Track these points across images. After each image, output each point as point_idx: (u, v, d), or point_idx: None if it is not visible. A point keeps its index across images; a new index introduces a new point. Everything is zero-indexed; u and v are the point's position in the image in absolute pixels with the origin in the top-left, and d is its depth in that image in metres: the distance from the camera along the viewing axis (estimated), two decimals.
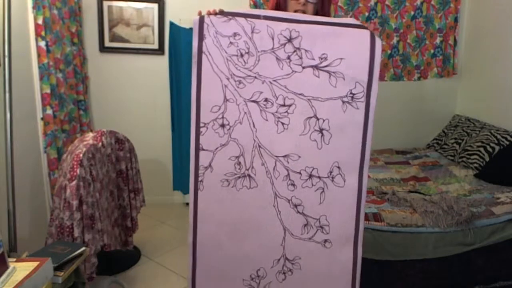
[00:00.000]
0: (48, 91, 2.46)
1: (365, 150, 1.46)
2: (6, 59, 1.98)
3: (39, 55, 2.43)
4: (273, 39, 1.42)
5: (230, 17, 1.43)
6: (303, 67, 1.43)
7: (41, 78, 2.44)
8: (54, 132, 2.51)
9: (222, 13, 1.44)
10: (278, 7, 1.67)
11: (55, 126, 2.54)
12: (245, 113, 1.46)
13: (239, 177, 1.49)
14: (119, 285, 2.35)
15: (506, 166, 2.63)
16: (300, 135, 1.45)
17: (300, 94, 1.44)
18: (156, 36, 3.25)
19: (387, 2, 3.35)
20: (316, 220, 1.48)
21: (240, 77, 1.44)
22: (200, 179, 1.51)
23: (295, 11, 1.62)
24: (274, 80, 1.44)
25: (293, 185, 1.47)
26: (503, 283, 2.24)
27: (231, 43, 1.43)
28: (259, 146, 1.47)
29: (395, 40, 3.44)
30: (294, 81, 1.44)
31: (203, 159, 1.49)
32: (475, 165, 2.82)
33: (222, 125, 1.47)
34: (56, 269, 1.62)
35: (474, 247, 2.16)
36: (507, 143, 2.78)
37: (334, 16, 3.32)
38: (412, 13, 3.41)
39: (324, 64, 1.42)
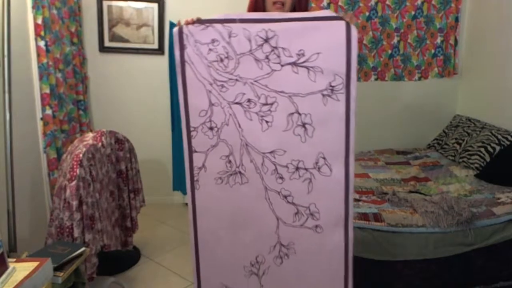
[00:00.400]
0: (48, 91, 2.46)
1: (349, 139, 1.51)
2: (6, 59, 1.98)
3: (38, 55, 2.43)
4: (250, 41, 1.47)
5: (207, 24, 1.49)
6: (282, 65, 1.47)
7: (40, 78, 2.44)
8: (53, 132, 2.51)
9: (199, 21, 1.50)
10: (257, 1, 1.72)
11: (55, 126, 2.54)
12: (230, 115, 1.53)
13: (231, 174, 1.58)
14: (119, 285, 2.35)
15: (507, 167, 2.63)
16: (284, 131, 1.51)
17: (281, 92, 1.49)
18: (156, 36, 3.25)
19: (387, 2, 3.35)
20: (306, 208, 1.57)
21: (222, 81, 1.51)
22: (196, 178, 1.60)
23: (274, 2, 1.67)
24: (255, 81, 1.50)
25: (282, 178, 1.55)
26: (504, 283, 2.23)
27: (210, 49, 1.49)
28: (246, 145, 1.55)
29: (395, 40, 3.43)
30: (274, 79, 1.49)
31: (197, 160, 1.59)
32: (476, 165, 2.82)
33: (211, 128, 1.55)
34: (56, 269, 1.62)
35: (474, 247, 2.15)
36: (508, 143, 2.77)
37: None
38: (413, 13, 3.40)
39: (302, 60, 1.46)
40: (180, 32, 1.49)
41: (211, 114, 1.54)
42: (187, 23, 1.49)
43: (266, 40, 1.46)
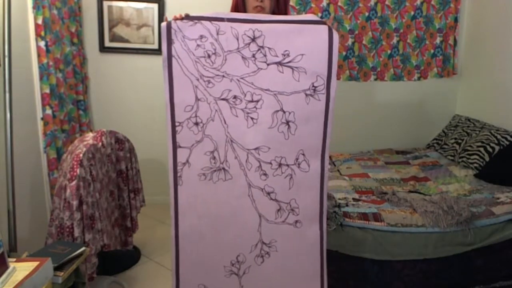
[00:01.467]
0: (48, 91, 2.46)
1: (326, 137, 1.58)
2: (6, 59, 1.98)
3: (39, 55, 2.43)
4: (237, 39, 1.51)
5: (196, 20, 1.52)
6: (268, 64, 1.52)
7: (41, 78, 2.44)
8: (53, 132, 2.51)
9: (188, 17, 1.52)
10: (238, 4, 1.76)
11: (55, 126, 2.54)
12: (216, 110, 1.55)
13: (215, 171, 1.60)
14: (119, 285, 2.35)
15: (506, 166, 2.63)
16: (269, 128, 1.55)
17: (266, 90, 1.53)
18: (156, 36, 3.25)
19: (387, 2, 3.35)
20: (287, 204, 1.61)
21: (209, 77, 1.53)
22: (179, 174, 1.62)
23: (255, 7, 1.71)
24: (241, 78, 1.53)
25: (265, 174, 1.59)
26: (503, 283, 2.24)
27: (198, 45, 1.51)
28: (231, 141, 1.57)
29: (395, 40, 3.44)
30: (260, 77, 1.53)
31: (181, 156, 1.60)
32: (475, 165, 2.82)
33: (196, 123, 1.57)
34: (56, 269, 1.62)
35: (474, 247, 2.16)
36: (507, 143, 2.78)
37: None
38: (412, 13, 3.41)
39: (287, 60, 1.51)
40: (168, 27, 1.51)
41: (197, 109, 1.55)
42: (176, 19, 1.51)
43: (253, 39, 1.50)
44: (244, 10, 1.75)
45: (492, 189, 2.50)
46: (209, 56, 1.51)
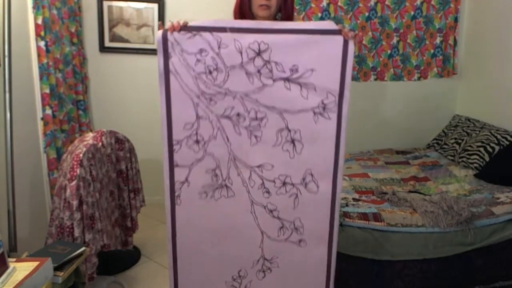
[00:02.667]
0: (48, 91, 2.46)
1: (338, 157, 1.48)
2: (6, 59, 1.98)
3: (38, 55, 2.43)
4: (241, 53, 1.39)
5: (195, 32, 1.38)
6: (274, 80, 1.41)
7: (40, 78, 2.44)
8: (53, 132, 2.51)
9: (186, 27, 1.38)
10: (242, 3, 1.64)
11: (54, 126, 2.54)
12: (218, 128, 1.46)
13: (217, 188, 1.52)
14: (119, 285, 2.35)
15: (506, 166, 2.63)
16: (273, 146, 1.47)
17: (271, 107, 1.44)
18: (156, 36, 3.25)
19: (387, 2, 3.35)
20: (290, 222, 1.55)
21: (210, 94, 1.43)
22: (177, 194, 1.53)
23: (261, 5, 1.59)
24: (245, 95, 1.43)
25: (268, 192, 1.52)
26: (503, 283, 2.24)
27: (198, 60, 1.40)
28: (234, 159, 1.49)
29: (395, 40, 3.43)
30: (265, 94, 1.42)
31: (179, 175, 1.51)
32: (475, 165, 2.82)
33: (197, 141, 1.47)
34: (56, 269, 1.62)
35: (474, 247, 2.16)
36: (507, 143, 2.78)
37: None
38: (412, 13, 3.41)
39: (295, 76, 1.40)
40: (165, 38, 1.38)
41: (198, 127, 1.46)
42: (173, 29, 1.38)
43: (259, 53, 1.39)
44: (249, 9, 1.64)
45: (492, 189, 2.50)
46: (210, 72, 1.40)
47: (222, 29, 1.38)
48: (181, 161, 1.50)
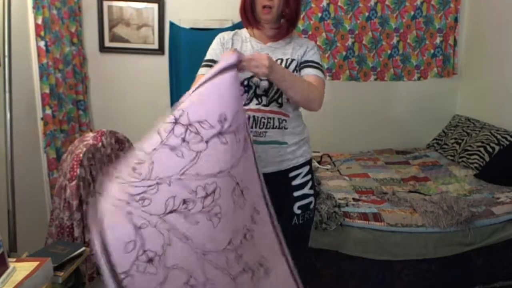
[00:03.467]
0: (47, 91, 2.46)
1: (263, 186, 1.37)
2: (6, 59, 1.98)
3: (38, 55, 2.43)
4: (158, 133, 1.18)
5: None
6: (207, 142, 1.17)
7: (40, 78, 2.44)
8: (53, 132, 2.51)
9: None
10: (246, 4, 1.61)
11: (54, 126, 2.54)
12: (168, 230, 1.13)
13: None
14: None
15: (506, 166, 2.63)
16: (233, 213, 1.23)
17: (219, 172, 1.18)
18: (156, 36, 3.25)
19: (387, 2, 3.35)
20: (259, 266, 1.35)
21: (140, 193, 1.13)
22: None
23: (263, 6, 1.55)
24: (182, 174, 1.15)
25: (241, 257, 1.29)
26: (503, 283, 2.24)
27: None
28: (204, 254, 1.18)
29: (395, 40, 3.43)
30: (204, 162, 1.17)
31: None
32: (475, 165, 2.82)
33: (150, 260, 1.12)
34: (56, 269, 1.62)
35: (474, 247, 2.16)
36: (507, 143, 2.78)
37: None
38: (412, 13, 3.41)
39: (226, 125, 1.18)
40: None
41: (143, 242, 1.11)
42: None
43: (176, 122, 1.17)
44: (252, 10, 1.60)
45: (492, 189, 2.50)
46: (134, 169, 1.15)
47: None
48: None
